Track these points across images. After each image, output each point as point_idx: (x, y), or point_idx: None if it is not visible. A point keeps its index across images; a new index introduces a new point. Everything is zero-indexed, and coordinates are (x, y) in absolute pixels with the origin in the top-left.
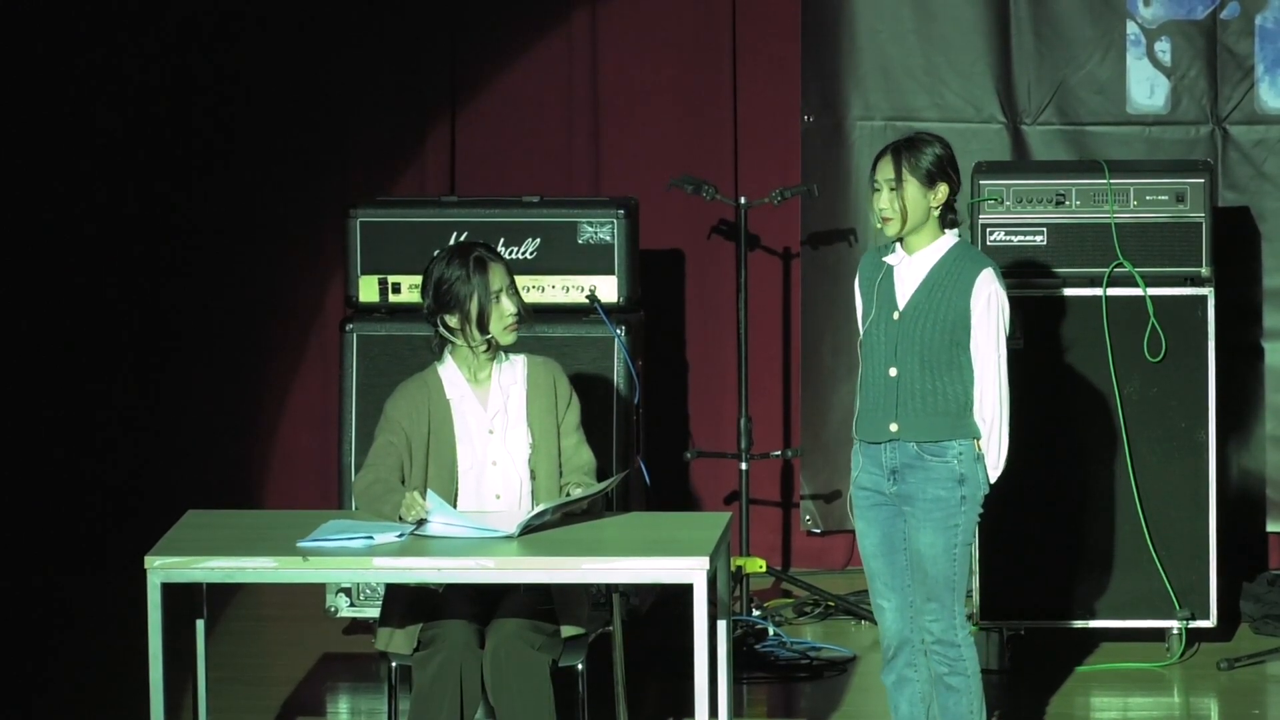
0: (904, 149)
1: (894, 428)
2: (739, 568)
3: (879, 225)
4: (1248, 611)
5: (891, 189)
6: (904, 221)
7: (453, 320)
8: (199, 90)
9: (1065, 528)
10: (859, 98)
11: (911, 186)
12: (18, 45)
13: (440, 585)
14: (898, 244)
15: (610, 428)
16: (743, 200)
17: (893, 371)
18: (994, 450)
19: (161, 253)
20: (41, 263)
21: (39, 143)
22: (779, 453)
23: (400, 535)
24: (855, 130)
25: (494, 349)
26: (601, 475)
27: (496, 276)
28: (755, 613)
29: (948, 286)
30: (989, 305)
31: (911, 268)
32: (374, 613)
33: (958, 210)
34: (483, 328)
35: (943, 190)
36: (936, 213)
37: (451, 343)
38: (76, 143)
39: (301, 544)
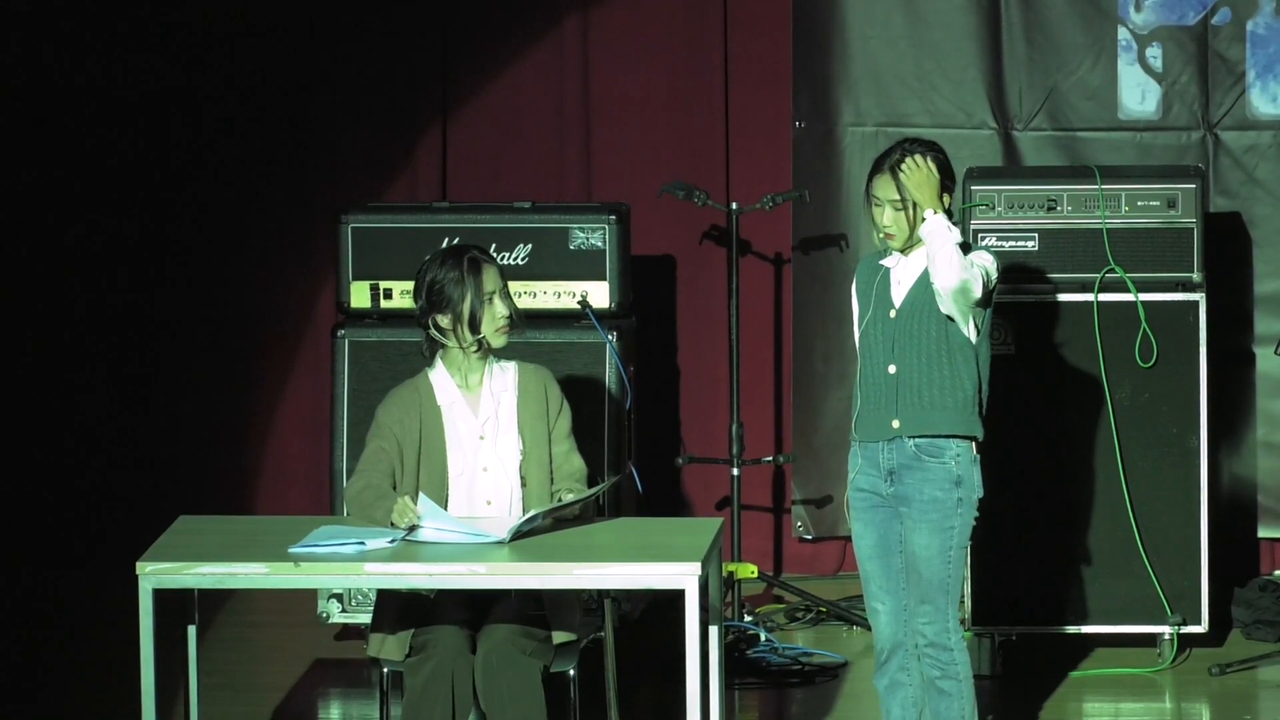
0: (900, 168)
1: (895, 424)
2: (731, 573)
3: (880, 238)
4: (1239, 617)
5: (896, 208)
6: (910, 235)
7: (444, 321)
8: (190, 97)
9: (1057, 533)
10: (850, 104)
11: (914, 204)
12: (10, 50)
13: (432, 591)
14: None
15: (602, 433)
16: (734, 206)
17: (891, 369)
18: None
19: (154, 258)
20: (34, 268)
21: (30, 149)
22: (771, 458)
23: (392, 541)
24: (847, 136)
25: (485, 352)
26: (592, 481)
27: (490, 279)
28: (747, 618)
29: None
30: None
31: (907, 268)
32: (366, 618)
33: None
34: (474, 329)
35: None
36: None
37: (443, 345)
38: (68, 148)
39: (293, 550)
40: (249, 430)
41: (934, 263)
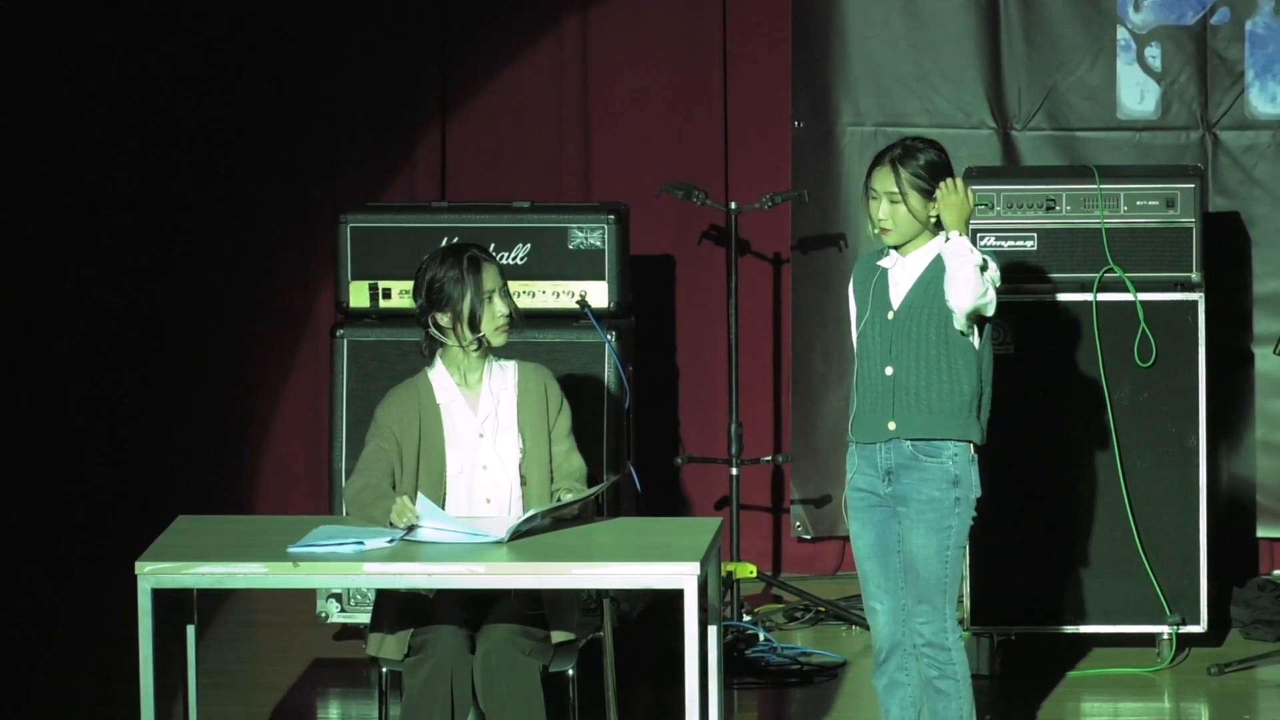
0: (901, 161)
1: (892, 426)
2: (729, 573)
3: (875, 232)
4: (1238, 616)
5: (893, 202)
6: (905, 232)
7: (444, 319)
8: (189, 96)
9: (1056, 532)
10: (849, 103)
11: (913, 199)
12: (8, 49)
13: (431, 590)
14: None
15: (601, 433)
16: (733, 206)
17: (889, 370)
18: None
19: (153, 258)
20: (33, 268)
21: (28, 148)
22: (770, 458)
23: (391, 541)
24: (845, 136)
25: (485, 350)
26: (592, 481)
27: (490, 277)
28: (746, 618)
29: (941, 283)
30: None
31: (905, 269)
32: (365, 618)
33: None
34: (474, 327)
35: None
36: (934, 220)
37: (442, 343)
38: (67, 148)
39: (292, 549)
40: (248, 430)
41: (952, 282)
